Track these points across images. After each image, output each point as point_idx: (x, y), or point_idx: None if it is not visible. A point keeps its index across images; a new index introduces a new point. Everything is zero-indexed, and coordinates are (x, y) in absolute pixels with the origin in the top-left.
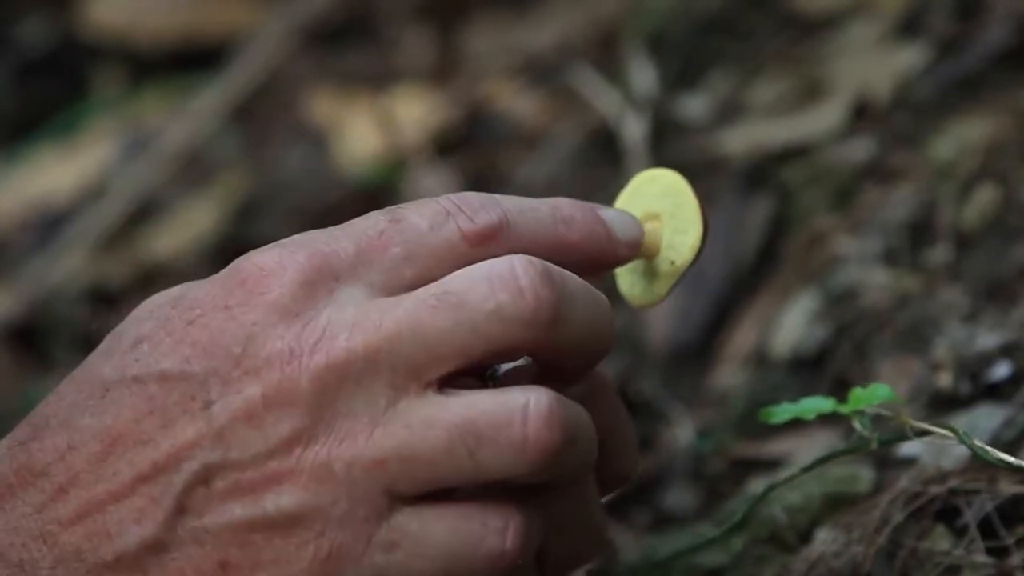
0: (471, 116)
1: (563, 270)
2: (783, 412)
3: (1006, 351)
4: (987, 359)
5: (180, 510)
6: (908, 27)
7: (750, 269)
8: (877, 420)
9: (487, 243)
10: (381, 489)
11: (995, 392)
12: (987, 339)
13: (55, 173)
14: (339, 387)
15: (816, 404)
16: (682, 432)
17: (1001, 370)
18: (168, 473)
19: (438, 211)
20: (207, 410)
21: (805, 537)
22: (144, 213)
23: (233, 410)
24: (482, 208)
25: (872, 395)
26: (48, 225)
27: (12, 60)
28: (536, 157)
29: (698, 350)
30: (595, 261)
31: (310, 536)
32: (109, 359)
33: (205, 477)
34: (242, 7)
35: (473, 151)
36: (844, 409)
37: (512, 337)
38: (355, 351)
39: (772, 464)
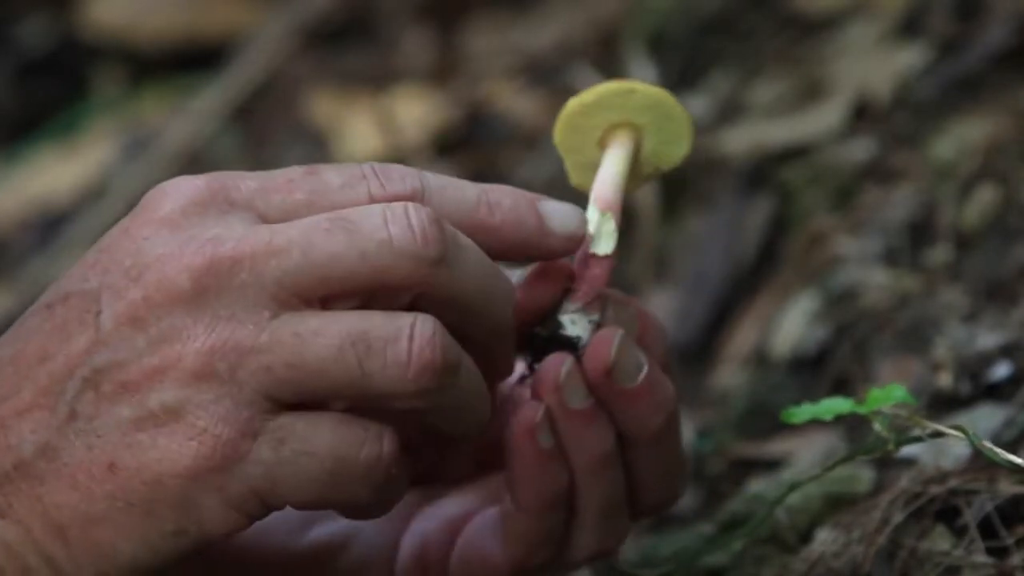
0: (471, 116)
1: (455, 229)
2: (803, 413)
3: (1006, 351)
4: (987, 359)
5: (72, 416)
6: (908, 27)
7: (750, 269)
8: (887, 419)
9: None
10: (266, 393)
11: (995, 392)
12: (987, 339)
13: (55, 173)
14: (220, 290)
15: (834, 405)
16: (682, 432)
17: (1001, 370)
18: (63, 382)
19: (355, 174)
20: (97, 319)
21: (805, 537)
22: None
23: (118, 314)
24: (399, 178)
25: (888, 395)
26: (48, 225)
27: (12, 60)
28: (536, 157)
29: (698, 350)
30: (521, 247)
31: (193, 432)
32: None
33: (94, 381)
34: (242, 7)
35: (473, 151)
36: (862, 409)
37: (399, 270)
38: (240, 259)
39: (772, 465)
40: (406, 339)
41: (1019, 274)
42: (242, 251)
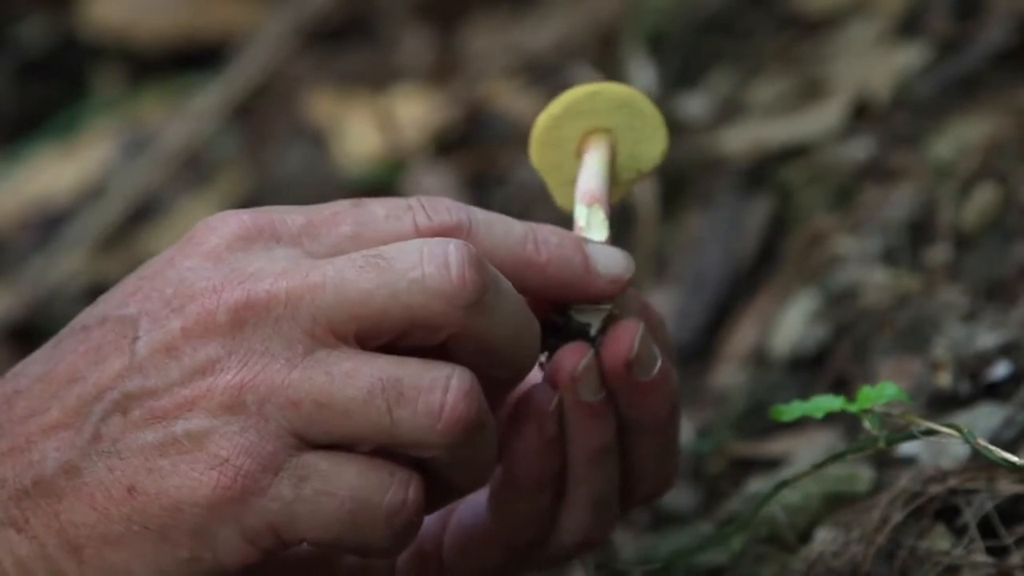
0: (471, 116)
1: (498, 272)
2: (793, 410)
3: (1005, 351)
4: (986, 359)
5: (96, 437)
6: (908, 27)
7: (750, 269)
8: (882, 419)
9: None
10: (292, 430)
11: (994, 391)
12: (986, 339)
13: (55, 172)
14: (256, 325)
15: (825, 402)
16: (682, 432)
17: (1000, 370)
18: (91, 404)
19: (400, 205)
20: (133, 345)
21: (804, 536)
22: (144, 212)
23: (154, 343)
24: (446, 210)
25: (880, 394)
26: (48, 224)
27: (12, 60)
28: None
29: (698, 350)
30: (565, 287)
31: (215, 462)
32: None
33: (124, 406)
34: (241, 7)
35: (472, 151)
36: (853, 407)
37: (431, 310)
38: (277, 294)
39: (772, 464)
40: (440, 391)
41: (1018, 274)
42: (279, 287)
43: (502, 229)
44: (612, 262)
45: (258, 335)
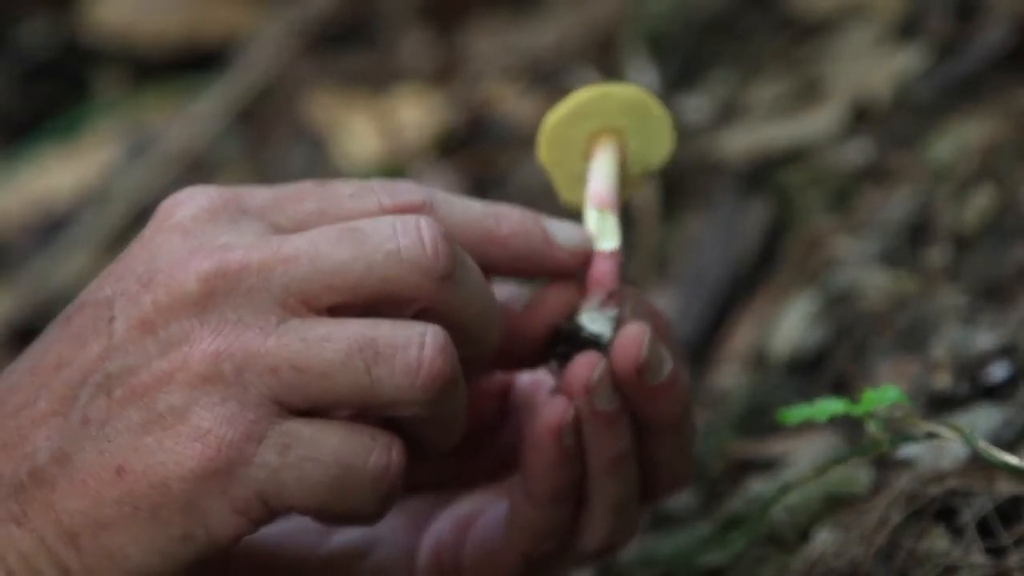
0: (472, 118)
1: (463, 251)
2: (797, 413)
3: (1005, 352)
4: (985, 360)
5: (85, 422)
6: (907, 29)
7: (749, 270)
8: (882, 420)
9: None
10: (272, 397)
11: (994, 393)
12: (985, 340)
13: (57, 175)
14: (228, 294)
15: (828, 406)
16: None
17: (999, 371)
18: (77, 389)
19: (364, 186)
20: (110, 326)
21: (804, 537)
22: (146, 215)
23: (130, 320)
24: (407, 190)
25: (883, 396)
26: (50, 226)
27: (15, 62)
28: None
29: (697, 350)
30: (527, 259)
31: (197, 434)
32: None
33: (107, 387)
34: (243, 9)
35: (474, 153)
36: (856, 411)
37: (406, 282)
38: (249, 265)
39: (771, 464)
40: (416, 347)
41: (1017, 275)
42: (251, 257)
43: (462, 206)
44: (571, 235)
45: (229, 304)
